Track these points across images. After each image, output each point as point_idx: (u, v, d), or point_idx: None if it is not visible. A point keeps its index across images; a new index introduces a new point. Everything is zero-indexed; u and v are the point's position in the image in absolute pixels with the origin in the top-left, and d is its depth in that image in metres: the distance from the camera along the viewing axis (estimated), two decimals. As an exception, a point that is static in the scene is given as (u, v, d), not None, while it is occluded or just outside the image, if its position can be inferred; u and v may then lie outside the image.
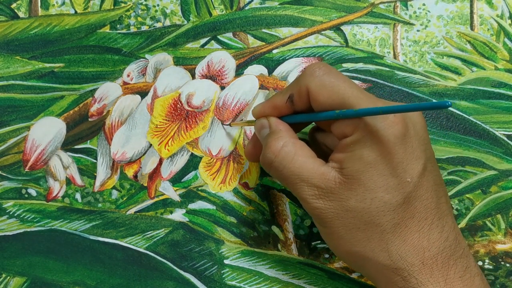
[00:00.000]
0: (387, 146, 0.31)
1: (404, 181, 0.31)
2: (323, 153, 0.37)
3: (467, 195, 0.42)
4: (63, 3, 0.45)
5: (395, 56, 0.44)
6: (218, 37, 0.45)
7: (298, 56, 0.44)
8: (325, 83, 0.33)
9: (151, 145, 0.43)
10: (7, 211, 0.43)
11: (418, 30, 0.45)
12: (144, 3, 0.45)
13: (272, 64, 0.44)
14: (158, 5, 0.45)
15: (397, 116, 0.31)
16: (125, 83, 0.44)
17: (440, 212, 0.32)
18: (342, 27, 0.44)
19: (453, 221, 0.33)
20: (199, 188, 0.43)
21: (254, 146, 0.39)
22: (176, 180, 0.43)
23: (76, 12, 0.45)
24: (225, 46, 0.44)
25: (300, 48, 0.44)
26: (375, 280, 0.33)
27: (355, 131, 0.32)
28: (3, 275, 0.42)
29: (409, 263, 0.31)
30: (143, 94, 0.44)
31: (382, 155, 0.31)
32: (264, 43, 0.44)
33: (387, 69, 0.44)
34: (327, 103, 0.33)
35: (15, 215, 0.43)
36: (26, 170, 0.43)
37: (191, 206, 0.43)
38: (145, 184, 0.43)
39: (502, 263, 0.42)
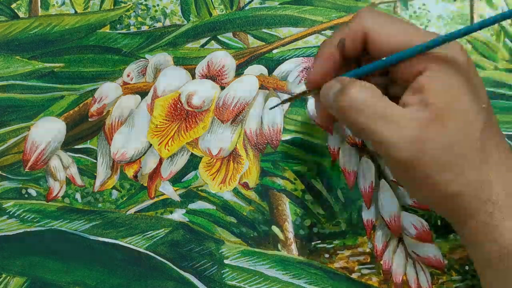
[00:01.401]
0: (464, 73, 0.31)
1: (481, 107, 0.31)
2: None
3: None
4: (63, 3, 0.45)
5: (395, 56, 0.44)
6: (218, 37, 0.45)
7: (298, 56, 0.44)
8: (385, 23, 0.32)
9: (151, 145, 0.43)
10: (7, 211, 0.43)
11: (418, 30, 0.45)
12: (144, 3, 0.45)
13: (272, 64, 0.44)
14: (158, 5, 0.45)
15: (460, 45, 0.31)
16: (125, 83, 0.44)
17: (505, 139, 0.33)
18: (342, 27, 0.44)
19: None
20: (199, 188, 0.43)
21: (323, 110, 0.37)
22: (176, 180, 0.43)
23: (76, 12, 0.45)
24: (225, 46, 0.44)
25: (300, 48, 0.44)
26: (460, 218, 0.32)
27: (429, 65, 0.31)
28: (3, 275, 0.42)
29: (496, 189, 0.31)
30: (143, 94, 0.44)
31: (463, 82, 0.31)
32: (264, 43, 0.44)
33: (387, 69, 0.44)
34: (390, 42, 0.32)
35: (15, 215, 0.43)
36: (26, 170, 0.43)
37: (191, 206, 0.43)
38: (145, 184, 0.43)
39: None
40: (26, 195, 0.43)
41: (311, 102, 0.43)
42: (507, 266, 0.31)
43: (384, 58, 0.33)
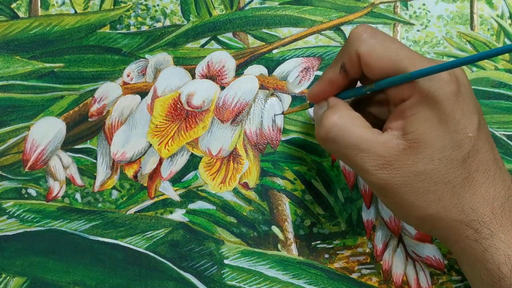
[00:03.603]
0: (448, 104, 0.31)
1: (466, 136, 0.31)
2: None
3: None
4: (63, 3, 0.45)
5: (395, 56, 0.44)
6: (218, 37, 0.45)
7: (298, 56, 0.44)
8: (376, 46, 0.32)
9: (151, 145, 0.43)
10: (7, 211, 0.43)
11: (418, 30, 0.45)
12: (144, 3, 0.45)
13: (272, 64, 0.44)
14: (158, 5, 0.45)
15: (450, 74, 0.31)
16: (125, 83, 0.44)
17: (498, 163, 0.33)
18: (342, 27, 0.44)
19: (508, 172, 0.34)
20: (199, 188, 0.43)
21: None
22: (176, 180, 0.43)
23: (76, 12, 0.45)
24: (225, 46, 0.44)
25: (300, 48, 0.44)
26: (446, 239, 0.33)
27: (413, 93, 0.31)
28: (3, 275, 0.42)
29: (481, 214, 0.32)
30: (143, 94, 0.44)
31: (445, 114, 0.31)
32: (264, 43, 0.44)
33: (387, 69, 0.44)
34: (380, 67, 0.32)
35: (15, 215, 0.43)
36: (26, 170, 0.43)
37: (191, 206, 0.43)
38: (145, 184, 0.43)
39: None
40: (26, 195, 0.43)
41: (311, 102, 0.43)
42: None
43: (363, 86, 0.34)
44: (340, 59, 0.34)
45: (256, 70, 0.44)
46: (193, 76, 0.44)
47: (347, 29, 0.44)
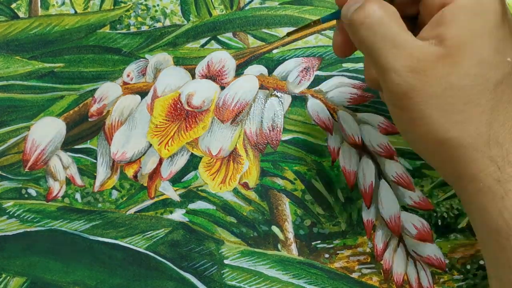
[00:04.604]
0: (493, 17, 0.28)
1: (505, 60, 0.28)
2: None
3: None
4: (63, 3, 0.45)
5: (395, 56, 0.44)
6: (218, 37, 0.45)
7: (298, 56, 0.44)
8: None
9: (151, 145, 0.43)
10: (7, 211, 0.43)
11: (418, 30, 0.45)
12: (144, 3, 0.45)
13: (272, 64, 0.44)
14: (158, 5, 0.45)
15: None
16: (125, 83, 0.44)
17: None
18: (342, 27, 0.44)
19: None
20: (199, 188, 0.43)
21: (343, 36, 0.33)
22: (176, 180, 0.43)
23: (76, 12, 0.45)
24: (225, 46, 0.44)
25: (300, 48, 0.44)
26: (461, 176, 0.30)
27: (455, 0, 0.28)
28: (3, 275, 0.42)
29: (506, 150, 0.28)
30: (143, 94, 0.44)
31: (489, 26, 0.28)
32: (264, 43, 0.44)
33: (387, 69, 0.44)
34: None
35: (15, 215, 0.43)
36: (26, 170, 0.43)
37: (191, 206, 0.43)
38: (145, 184, 0.43)
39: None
40: (26, 195, 0.43)
41: (311, 102, 0.43)
42: None
43: None
44: None
45: (256, 70, 0.44)
46: (193, 76, 0.44)
47: (347, 29, 0.44)
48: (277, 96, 0.43)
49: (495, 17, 0.28)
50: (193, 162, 0.43)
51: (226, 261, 0.42)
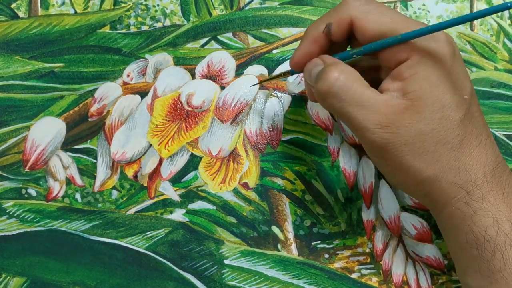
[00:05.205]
0: (446, 64, 0.31)
1: (463, 98, 0.32)
2: None
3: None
4: (63, 3, 0.45)
5: (395, 56, 0.44)
6: (218, 37, 0.45)
7: (298, 56, 0.44)
8: (371, 10, 0.33)
9: (151, 145, 0.43)
10: (7, 211, 0.43)
11: (418, 30, 0.45)
12: (144, 3, 0.45)
13: (272, 64, 0.44)
14: (158, 5, 0.45)
15: (446, 36, 0.32)
16: (125, 83, 0.44)
17: (487, 129, 0.33)
18: (342, 27, 0.44)
19: (494, 140, 0.34)
20: (199, 188, 0.43)
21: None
22: (176, 180, 0.43)
23: (76, 12, 0.45)
24: (225, 46, 0.44)
25: (300, 48, 0.44)
26: (436, 204, 0.33)
27: (412, 54, 0.32)
28: (3, 275, 0.42)
29: (474, 176, 0.32)
30: (143, 94, 0.44)
31: (444, 73, 0.31)
32: (264, 43, 0.44)
33: (387, 69, 0.44)
34: (374, 30, 0.32)
35: (15, 215, 0.43)
36: (26, 170, 0.43)
37: (191, 206, 0.43)
38: (145, 184, 0.43)
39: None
40: (26, 195, 0.43)
41: (311, 102, 0.43)
42: (481, 254, 0.31)
43: (366, 45, 0.33)
44: (327, 19, 0.34)
45: (256, 70, 0.44)
46: (193, 76, 0.44)
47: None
48: (277, 96, 0.43)
49: (446, 65, 0.31)
50: (193, 162, 0.43)
51: (226, 261, 0.42)
